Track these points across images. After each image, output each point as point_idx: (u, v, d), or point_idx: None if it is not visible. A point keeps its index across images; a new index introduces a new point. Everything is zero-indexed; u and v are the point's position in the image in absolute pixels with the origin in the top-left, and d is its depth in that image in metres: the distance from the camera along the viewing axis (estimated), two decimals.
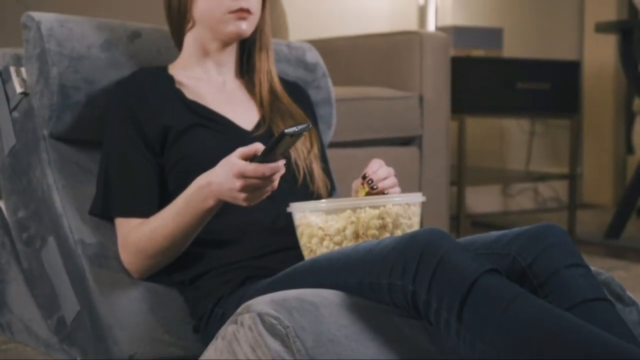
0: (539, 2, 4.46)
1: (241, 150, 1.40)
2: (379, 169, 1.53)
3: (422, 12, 3.73)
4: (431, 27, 3.68)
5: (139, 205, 1.57)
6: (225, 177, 1.40)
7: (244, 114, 1.69)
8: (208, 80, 1.70)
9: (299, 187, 1.65)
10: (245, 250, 1.55)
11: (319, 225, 1.43)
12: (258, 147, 1.39)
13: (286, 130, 1.29)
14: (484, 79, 3.42)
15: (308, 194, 1.67)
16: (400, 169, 1.64)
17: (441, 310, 1.19)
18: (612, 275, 1.49)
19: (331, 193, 1.79)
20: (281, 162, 1.38)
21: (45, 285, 1.68)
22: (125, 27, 1.78)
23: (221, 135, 1.62)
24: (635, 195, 3.53)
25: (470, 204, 4.13)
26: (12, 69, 1.72)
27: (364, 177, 1.52)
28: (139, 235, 1.55)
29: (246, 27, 1.65)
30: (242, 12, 1.63)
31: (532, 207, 4.46)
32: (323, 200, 1.51)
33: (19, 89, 1.71)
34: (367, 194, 1.52)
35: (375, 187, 1.51)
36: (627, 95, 4.54)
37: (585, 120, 4.62)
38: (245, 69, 1.76)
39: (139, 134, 1.58)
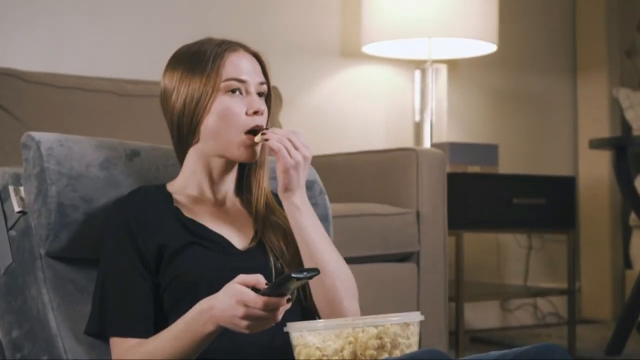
0: (534, 119, 4.52)
1: (243, 278, 1.40)
2: None
3: (418, 128, 3.76)
4: (427, 143, 3.71)
5: (135, 325, 1.55)
6: (228, 303, 1.40)
7: (240, 231, 1.69)
8: (206, 199, 1.70)
9: (294, 304, 1.63)
10: None
11: (316, 345, 1.41)
12: (259, 278, 1.39)
13: (293, 274, 1.30)
14: (480, 195, 3.44)
15: (304, 310, 1.65)
16: (397, 285, 1.64)
17: None
18: None
19: None
20: (286, 298, 1.38)
21: None
22: (125, 146, 1.79)
23: (216, 255, 1.61)
24: (635, 310, 3.50)
25: (469, 319, 4.09)
26: (11, 188, 1.73)
27: None
28: (136, 356, 1.52)
29: (259, 153, 1.66)
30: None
31: (531, 323, 4.42)
32: (321, 320, 1.50)
33: (17, 208, 1.72)
34: None
35: None
36: (622, 210, 4.56)
37: (582, 235, 4.61)
38: (243, 187, 1.77)
39: (136, 252, 1.58)
